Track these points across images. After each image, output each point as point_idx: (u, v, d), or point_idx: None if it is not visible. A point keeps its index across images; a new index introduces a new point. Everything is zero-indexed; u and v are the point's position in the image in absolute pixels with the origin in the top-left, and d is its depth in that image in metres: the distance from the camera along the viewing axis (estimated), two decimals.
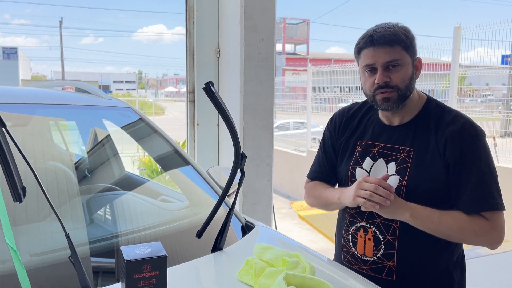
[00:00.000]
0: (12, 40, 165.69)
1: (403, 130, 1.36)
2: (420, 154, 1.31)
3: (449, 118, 1.32)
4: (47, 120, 1.95)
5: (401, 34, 1.28)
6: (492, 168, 1.29)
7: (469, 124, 1.30)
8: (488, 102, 9.77)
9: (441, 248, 1.35)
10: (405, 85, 1.29)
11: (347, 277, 1.24)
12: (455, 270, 1.39)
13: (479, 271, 3.97)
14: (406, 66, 1.29)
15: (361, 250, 1.39)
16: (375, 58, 1.28)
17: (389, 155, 1.35)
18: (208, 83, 1.00)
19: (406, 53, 1.29)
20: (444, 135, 1.29)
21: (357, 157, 1.41)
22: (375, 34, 1.28)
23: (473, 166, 1.27)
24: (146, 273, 0.92)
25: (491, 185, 1.27)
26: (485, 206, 1.26)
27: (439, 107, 1.36)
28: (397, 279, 1.34)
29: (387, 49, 1.26)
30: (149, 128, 1.79)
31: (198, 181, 1.72)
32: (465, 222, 1.26)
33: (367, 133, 1.42)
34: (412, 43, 1.31)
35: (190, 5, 2.95)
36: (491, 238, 1.27)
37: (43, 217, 1.33)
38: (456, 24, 6.12)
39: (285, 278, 1.00)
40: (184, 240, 1.41)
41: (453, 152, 1.27)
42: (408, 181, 1.30)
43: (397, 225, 1.32)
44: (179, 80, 68.10)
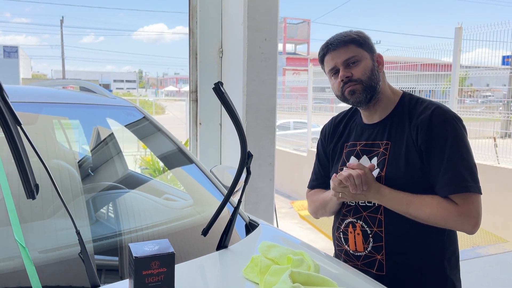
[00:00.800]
0: (12, 38, 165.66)
1: (381, 126, 1.43)
2: (396, 146, 1.37)
3: (421, 108, 1.37)
4: (51, 118, 1.96)
5: (353, 35, 1.41)
6: (464, 151, 1.31)
7: (439, 110, 1.34)
8: (489, 103, 9.78)
9: (430, 241, 1.36)
10: (367, 77, 1.38)
11: (351, 275, 1.25)
12: (449, 269, 1.39)
13: (479, 271, 3.98)
14: (365, 60, 1.39)
15: (353, 246, 1.43)
16: (334, 61, 1.41)
17: (371, 151, 1.43)
18: (218, 83, 1.01)
19: (361, 49, 1.40)
20: (416, 124, 1.34)
21: (344, 158, 1.49)
22: (330, 41, 1.42)
23: (442, 150, 1.30)
24: (154, 270, 0.94)
25: (461, 168, 1.28)
26: (454, 189, 1.27)
27: (413, 100, 1.43)
28: (387, 273, 1.36)
29: (342, 49, 1.39)
30: (153, 127, 1.80)
31: (202, 180, 1.73)
32: (432, 207, 1.28)
33: (351, 135, 1.51)
34: (366, 41, 1.41)
35: (193, 5, 2.97)
36: (463, 222, 1.28)
37: (51, 214, 1.35)
38: (457, 25, 6.13)
39: (290, 275, 1.01)
40: (188, 238, 1.43)
41: (423, 138, 1.31)
42: (386, 172, 1.36)
43: (382, 217, 1.36)
44: (179, 80, 68.09)
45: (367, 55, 1.40)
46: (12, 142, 0.71)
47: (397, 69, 7.93)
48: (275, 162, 2.86)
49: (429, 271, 1.37)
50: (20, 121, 0.73)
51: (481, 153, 5.95)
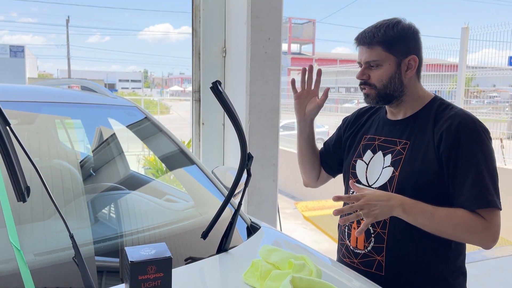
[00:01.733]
0: (19, 38, 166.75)
1: (403, 124, 1.39)
2: (415, 147, 1.32)
3: (449, 114, 1.31)
4: (53, 118, 1.94)
5: (384, 36, 1.31)
6: (491, 166, 1.26)
7: (468, 119, 1.28)
8: (495, 104, 9.71)
9: (435, 251, 1.32)
10: (382, 84, 1.34)
11: (354, 281, 1.22)
12: (453, 277, 1.35)
13: (485, 273, 3.93)
14: (387, 66, 1.33)
15: (354, 242, 1.40)
16: (360, 56, 1.38)
17: (387, 148, 1.38)
18: (215, 82, 0.99)
19: (387, 53, 1.32)
20: (440, 129, 1.28)
21: (360, 150, 1.46)
22: (362, 34, 1.36)
23: (469, 162, 1.24)
24: (150, 275, 0.91)
25: (488, 182, 1.24)
26: (483, 203, 1.23)
27: (443, 104, 1.37)
28: (386, 275, 1.33)
29: (367, 49, 1.34)
30: (154, 127, 1.78)
31: (203, 181, 1.71)
32: (459, 219, 1.23)
33: (372, 128, 1.48)
34: (399, 43, 1.32)
35: (196, 4, 2.94)
36: (485, 236, 1.24)
37: (47, 216, 1.33)
38: (464, 25, 6.08)
39: (291, 281, 0.99)
40: (189, 240, 1.40)
41: (447, 146, 1.26)
42: (400, 172, 1.31)
43: (387, 219, 1.31)
44: (184, 79, 68.25)
45: (393, 60, 1.33)
46: (1, 143, 0.69)
47: None
48: (278, 163, 2.83)
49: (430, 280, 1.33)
50: (9, 121, 0.71)
51: None
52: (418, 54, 1.36)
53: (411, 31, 1.34)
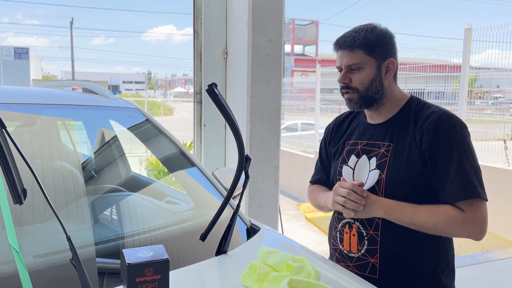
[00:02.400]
0: (23, 40, 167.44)
1: (384, 127, 1.42)
2: (398, 148, 1.35)
3: (427, 113, 1.35)
4: (55, 120, 1.95)
5: (364, 39, 1.34)
6: (471, 158, 1.30)
7: (445, 115, 1.32)
8: (499, 105, 9.65)
9: (426, 248, 1.35)
10: (364, 87, 1.36)
11: (352, 283, 1.22)
12: (443, 276, 1.38)
13: (488, 275, 3.92)
14: (368, 69, 1.36)
15: (347, 246, 1.42)
16: (340, 60, 1.39)
17: (371, 151, 1.41)
18: (211, 84, 0.99)
19: (368, 56, 1.35)
20: (421, 128, 1.32)
21: (344, 156, 1.48)
22: (341, 39, 1.38)
23: (450, 156, 1.28)
24: (148, 277, 0.91)
25: (470, 174, 1.27)
26: (464, 195, 1.25)
27: (420, 104, 1.41)
28: (381, 276, 1.35)
29: (348, 53, 1.36)
30: (155, 129, 1.78)
31: (204, 182, 1.71)
32: (439, 216, 1.26)
33: (354, 134, 1.50)
34: (378, 46, 1.36)
35: (198, 6, 2.95)
36: (469, 230, 1.27)
37: (47, 218, 1.33)
38: (467, 26, 6.06)
39: (289, 283, 0.98)
40: (188, 242, 1.40)
41: (428, 143, 1.29)
42: (387, 174, 1.34)
43: (379, 221, 1.35)
44: (188, 81, 68.35)
45: (373, 62, 1.36)
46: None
47: (406, 70, 7.86)
48: (279, 164, 2.82)
49: (423, 278, 1.36)
50: (5, 124, 0.71)
51: (491, 155, 5.86)
52: (395, 57, 1.40)
53: (388, 35, 1.38)
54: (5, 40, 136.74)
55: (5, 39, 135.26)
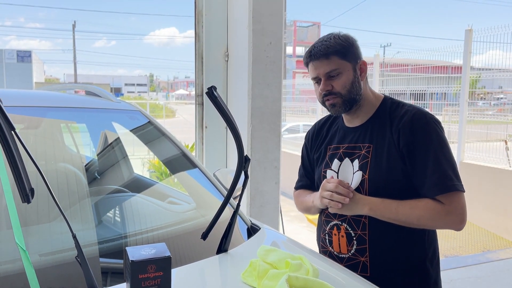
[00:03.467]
0: (26, 43, 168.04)
1: (363, 129, 1.46)
2: (378, 149, 1.40)
3: (402, 112, 1.40)
4: (59, 122, 1.98)
5: (336, 45, 1.40)
6: (446, 152, 1.35)
7: (419, 113, 1.38)
8: (501, 106, 9.64)
9: (413, 241, 1.40)
10: (347, 90, 1.41)
11: (351, 280, 1.24)
12: (431, 266, 1.43)
13: (489, 275, 3.92)
14: (346, 73, 1.41)
15: (337, 247, 1.46)
16: (317, 71, 1.42)
17: (352, 154, 1.46)
18: (211, 87, 1.02)
19: (344, 61, 1.40)
20: (397, 127, 1.38)
21: (327, 161, 1.52)
22: (313, 50, 1.42)
23: (426, 152, 1.33)
24: (150, 274, 0.94)
25: (446, 168, 1.32)
26: (442, 189, 1.31)
27: (394, 103, 1.46)
28: (372, 274, 1.39)
29: (324, 61, 1.40)
30: (157, 131, 1.81)
31: (205, 183, 1.74)
32: (421, 210, 1.32)
33: (335, 138, 1.55)
34: (350, 50, 1.41)
35: (199, 9, 2.99)
36: (450, 221, 1.33)
37: (53, 218, 1.36)
38: (468, 27, 6.07)
39: (287, 280, 1.01)
40: (189, 241, 1.43)
41: (406, 141, 1.35)
42: (369, 175, 1.39)
43: (366, 220, 1.39)
44: (190, 83, 68.44)
45: (349, 66, 1.41)
46: (6, 147, 0.72)
47: (408, 71, 7.87)
48: (280, 166, 2.85)
49: (412, 271, 1.41)
50: (14, 126, 0.74)
51: (492, 156, 5.87)
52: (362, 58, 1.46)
53: (352, 39, 1.44)
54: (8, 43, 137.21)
55: (8, 42, 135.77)
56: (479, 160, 5.99)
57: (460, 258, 4.52)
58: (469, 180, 5.91)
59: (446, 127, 7.57)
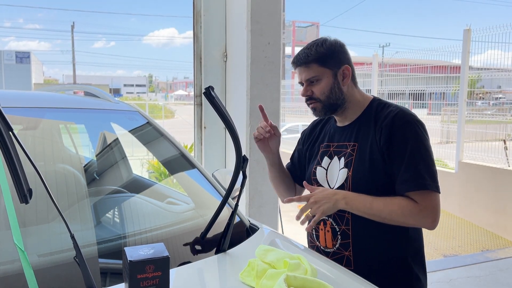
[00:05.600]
0: (25, 44, 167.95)
1: (350, 129, 1.52)
2: (362, 147, 1.45)
3: (386, 112, 1.45)
4: (57, 123, 1.98)
5: (316, 54, 1.46)
6: (423, 151, 1.38)
7: (401, 113, 1.42)
8: (500, 105, 9.65)
9: (393, 238, 1.44)
10: (325, 96, 1.47)
11: (349, 280, 1.24)
12: (414, 264, 1.47)
13: (488, 275, 3.93)
14: (325, 79, 1.47)
15: (323, 242, 1.52)
16: (300, 76, 1.51)
17: (340, 152, 1.52)
18: (208, 87, 1.02)
19: (323, 68, 1.46)
20: (380, 126, 1.43)
21: (318, 159, 1.59)
22: (296, 57, 1.50)
23: (403, 149, 1.38)
24: (149, 273, 0.94)
25: (420, 167, 1.36)
26: (413, 186, 1.35)
27: (380, 104, 1.51)
28: (355, 268, 1.42)
29: (304, 68, 1.48)
30: (155, 131, 1.81)
31: (204, 183, 1.74)
32: (394, 206, 1.36)
33: (326, 137, 1.61)
34: (331, 57, 1.47)
35: (197, 9, 2.99)
36: (422, 218, 1.36)
37: (52, 219, 1.36)
38: (466, 27, 6.08)
39: (285, 279, 1.01)
40: (188, 241, 1.43)
41: (385, 139, 1.40)
42: (353, 172, 1.44)
43: (349, 216, 1.44)
44: (189, 83, 68.42)
45: (329, 73, 1.47)
46: (4, 147, 0.72)
47: (407, 71, 7.88)
48: None
49: (394, 266, 1.45)
50: (12, 127, 0.74)
51: (491, 156, 5.88)
52: (349, 63, 1.50)
53: (338, 45, 1.49)
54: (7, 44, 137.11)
55: (7, 43, 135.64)
56: (478, 160, 6.00)
57: (459, 258, 4.52)
58: (468, 180, 5.91)
59: (445, 127, 7.58)
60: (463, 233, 5.47)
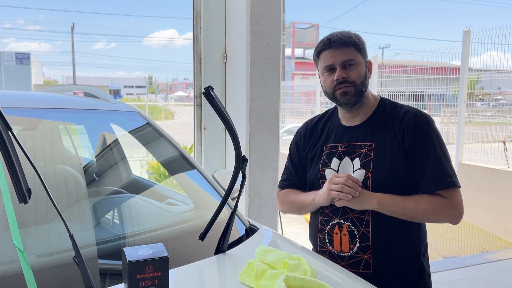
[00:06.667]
0: (25, 45, 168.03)
1: (363, 128, 1.49)
2: (380, 147, 1.43)
3: (402, 112, 1.46)
4: (57, 124, 1.98)
5: (355, 38, 1.45)
6: (445, 150, 1.43)
7: (420, 114, 1.45)
8: (500, 107, 9.65)
9: (410, 237, 1.45)
10: (360, 81, 1.44)
11: (348, 280, 1.24)
12: (424, 261, 1.49)
13: (487, 276, 3.93)
14: (360, 65, 1.45)
15: (338, 246, 1.47)
16: (333, 59, 1.44)
17: (352, 152, 1.47)
18: (208, 87, 1.02)
19: (359, 54, 1.45)
20: (401, 127, 1.42)
21: (325, 159, 1.52)
22: (332, 38, 1.45)
23: (428, 150, 1.40)
24: (148, 274, 0.94)
25: (446, 166, 1.40)
26: (443, 185, 1.38)
27: (392, 104, 1.51)
28: (374, 271, 1.41)
29: (343, 50, 1.43)
30: (155, 132, 1.81)
31: (203, 184, 1.74)
32: (426, 204, 1.38)
33: (330, 137, 1.55)
34: (363, 47, 1.47)
35: (197, 11, 2.99)
36: (451, 214, 1.39)
37: (51, 219, 1.36)
38: (466, 28, 6.09)
39: (285, 280, 1.01)
40: (188, 242, 1.43)
41: (410, 141, 1.40)
42: (373, 173, 1.41)
43: (369, 217, 1.42)
44: (189, 85, 68.40)
45: (363, 60, 1.47)
46: (3, 147, 0.72)
47: (407, 72, 7.89)
48: (279, 167, 2.85)
49: (411, 265, 1.46)
50: (11, 126, 0.74)
51: (491, 157, 5.88)
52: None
53: (362, 38, 1.49)
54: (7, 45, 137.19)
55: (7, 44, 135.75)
56: (478, 161, 6.00)
57: (459, 259, 4.52)
58: (467, 181, 5.91)
59: (445, 128, 7.58)
60: (463, 234, 5.47)
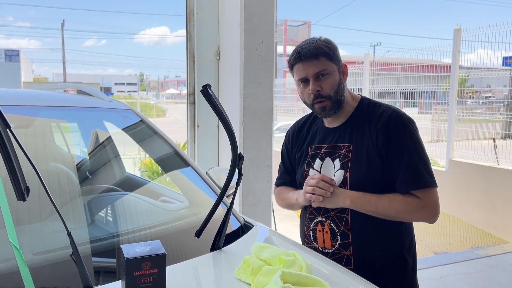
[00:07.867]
0: (14, 42, 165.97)
1: (342, 130, 1.52)
2: (358, 148, 1.46)
3: (379, 112, 1.47)
4: (49, 122, 1.97)
5: (324, 47, 1.45)
6: (420, 150, 1.43)
7: (395, 114, 1.45)
8: (490, 104, 9.76)
9: (391, 234, 1.48)
10: (334, 91, 1.46)
11: (343, 276, 1.26)
12: (408, 255, 1.52)
13: (478, 272, 3.98)
14: (333, 74, 1.46)
15: (321, 243, 1.52)
16: (305, 71, 1.45)
17: (333, 153, 1.51)
18: (205, 85, 1.03)
19: (331, 62, 1.45)
20: (376, 128, 1.44)
21: (309, 160, 1.58)
22: (301, 51, 1.45)
23: (401, 150, 1.41)
24: (145, 271, 0.95)
25: (419, 166, 1.41)
26: (416, 185, 1.40)
27: (371, 104, 1.52)
28: (355, 266, 1.45)
29: (314, 62, 1.43)
30: (149, 129, 1.81)
31: (198, 182, 1.74)
32: (398, 203, 1.41)
33: (315, 139, 1.59)
34: (335, 53, 1.47)
35: (190, 8, 2.98)
36: (425, 214, 1.43)
37: (46, 217, 1.36)
38: (456, 26, 6.14)
39: (281, 276, 1.02)
40: (183, 239, 1.44)
41: (383, 141, 1.42)
42: (350, 173, 1.45)
43: (348, 216, 1.46)
44: (180, 82, 68.17)
45: (335, 67, 1.47)
46: (2, 144, 0.72)
47: (398, 70, 7.94)
48: (272, 164, 2.86)
49: (392, 260, 1.49)
50: (10, 124, 0.74)
51: (481, 154, 5.94)
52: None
53: (334, 43, 1.50)
54: None
55: None
56: (468, 158, 6.06)
57: (450, 255, 4.57)
58: (458, 178, 5.98)
59: (435, 126, 7.65)
60: (454, 230, 5.53)
